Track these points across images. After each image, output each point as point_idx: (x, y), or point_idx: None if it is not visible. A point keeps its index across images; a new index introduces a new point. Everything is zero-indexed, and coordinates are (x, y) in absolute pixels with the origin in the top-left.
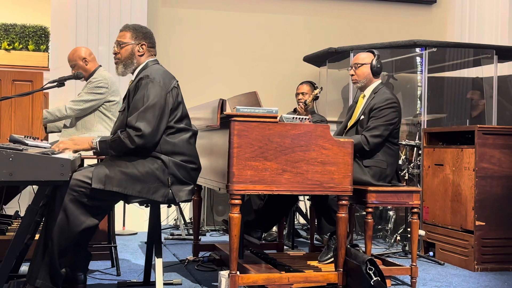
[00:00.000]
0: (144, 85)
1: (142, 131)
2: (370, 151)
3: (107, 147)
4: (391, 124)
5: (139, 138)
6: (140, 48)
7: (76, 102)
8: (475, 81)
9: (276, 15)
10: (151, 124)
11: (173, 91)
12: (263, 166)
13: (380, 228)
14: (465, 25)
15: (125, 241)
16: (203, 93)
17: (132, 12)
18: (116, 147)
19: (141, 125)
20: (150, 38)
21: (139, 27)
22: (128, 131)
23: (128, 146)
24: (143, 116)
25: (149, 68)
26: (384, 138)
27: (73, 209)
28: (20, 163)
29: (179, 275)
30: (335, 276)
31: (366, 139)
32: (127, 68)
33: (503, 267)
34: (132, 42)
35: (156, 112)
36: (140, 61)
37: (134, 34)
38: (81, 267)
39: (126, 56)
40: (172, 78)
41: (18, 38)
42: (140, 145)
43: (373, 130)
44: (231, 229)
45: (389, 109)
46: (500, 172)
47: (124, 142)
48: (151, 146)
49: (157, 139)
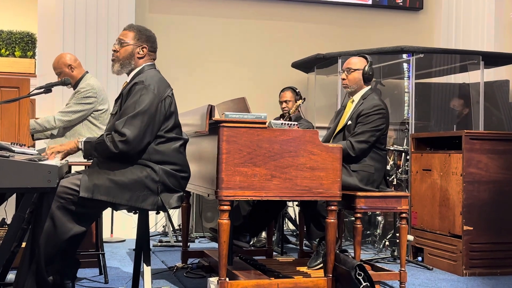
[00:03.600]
0: (138, 91)
1: (127, 136)
2: (356, 157)
3: (91, 148)
4: (378, 131)
5: (123, 144)
6: (140, 51)
7: (65, 113)
8: (461, 87)
9: (264, 21)
10: (137, 131)
11: (167, 100)
12: (252, 172)
13: (369, 234)
14: (452, 32)
15: (113, 248)
16: (191, 99)
17: (120, 18)
18: (100, 149)
19: (127, 131)
20: (152, 42)
21: (143, 29)
22: (113, 135)
23: (112, 151)
24: (131, 122)
25: (145, 72)
26: (370, 144)
27: (60, 216)
28: (7, 170)
29: (168, 282)
30: (324, 282)
31: (352, 145)
32: (124, 68)
33: (491, 272)
34: (134, 43)
35: (145, 119)
36: (138, 63)
37: (137, 35)
38: (69, 275)
39: (125, 56)
40: (167, 86)
41: (5, 44)
42: (124, 151)
43: (359, 136)
44: (220, 235)
45: (377, 115)
46: (487, 177)
47: (108, 146)
48: (135, 153)
49: (142, 147)
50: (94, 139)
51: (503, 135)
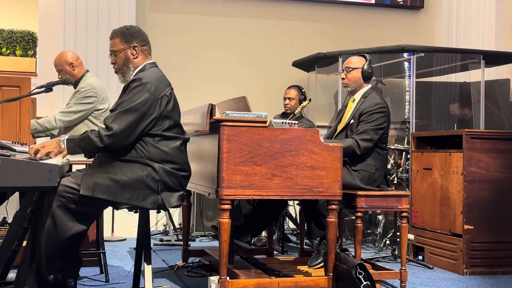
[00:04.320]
0: (134, 88)
1: (113, 130)
2: (361, 156)
3: (75, 146)
4: (380, 129)
5: (108, 138)
6: (133, 51)
7: (66, 114)
8: (462, 86)
9: (264, 20)
10: (125, 125)
11: (163, 99)
12: (253, 171)
13: (369, 233)
14: (452, 30)
15: (114, 247)
16: (191, 98)
17: (121, 17)
18: (84, 146)
19: (114, 126)
20: (139, 36)
21: (125, 29)
22: (99, 130)
23: (97, 145)
24: (120, 117)
25: (146, 71)
26: (374, 142)
27: (61, 215)
28: (8, 169)
29: (168, 281)
30: (325, 280)
31: (357, 143)
32: (126, 75)
33: (491, 271)
34: (123, 47)
35: (135, 116)
36: (136, 63)
37: (122, 39)
38: (71, 274)
39: (121, 63)
40: (167, 85)
41: (6, 43)
42: (108, 144)
43: (363, 134)
44: (221, 234)
45: (379, 113)
46: (488, 176)
47: (93, 140)
48: (120, 147)
49: (128, 143)
50: (77, 136)
51: (504, 134)
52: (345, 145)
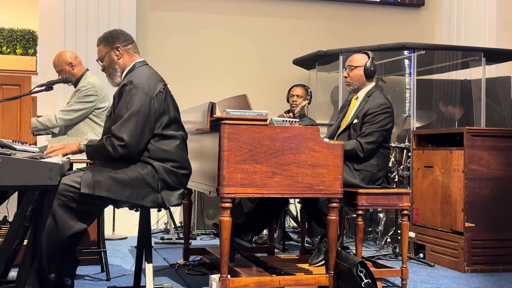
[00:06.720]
0: (128, 92)
1: (125, 141)
2: (365, 158)
3: (93, 152)
4: (385, 130)
5: (122, 148)
6: (116, 52)
7: (66, 112)
8: (463, 83)
9: (265, 18)
10: (134, 133)
11: (159, 95)
12: (254, 169)
13: (370, 231)
14: (453, 28)
15: (114, 245)
16: (192, 96)
17: (121, 15)
18: (101, 153)
19: (124, 135)
20: (119, 37)
21: (107, 34)
22: (112, 140)
23: (112, 155)
24: (126, 125)
25: (135, 71)
26: (378, 144)
27: (62, 214)
28: (8, 168)
29: (169, 279)
30: (326, 278)
31: (361, 146)
32: (114, 78)
33: (493, 268)
34: (106, 51)
35: (139, 120)
36: (122, 64)
37: (105, 44)
38: (69, 273)
39: (108, 67)
40: (158, 81)
41: (6, 42)
42: (124, 155)
43: (368, 137)
44: (222, 232)
45: (383, 114)
46: (489, 173)
47: (108, 150)
48: (135, 155)
49: (141, 148)
50: (95, 142)
51: (505, 132)
52: (348, 148)
